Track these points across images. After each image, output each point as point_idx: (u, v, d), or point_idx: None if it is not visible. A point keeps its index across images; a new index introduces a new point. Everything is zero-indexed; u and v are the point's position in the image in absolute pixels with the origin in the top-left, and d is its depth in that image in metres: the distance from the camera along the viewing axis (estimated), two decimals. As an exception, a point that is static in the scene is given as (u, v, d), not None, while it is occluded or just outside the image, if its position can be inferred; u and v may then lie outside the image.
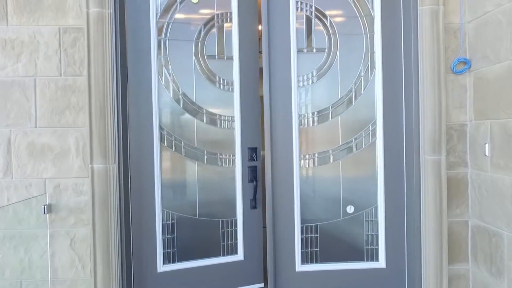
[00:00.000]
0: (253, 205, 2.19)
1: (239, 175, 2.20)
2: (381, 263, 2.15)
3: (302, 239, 2.15)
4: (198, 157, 2.15)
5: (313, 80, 2.14)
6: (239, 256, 2.20)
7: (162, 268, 2.07)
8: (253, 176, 2.18)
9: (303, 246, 2.15)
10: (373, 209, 2.16)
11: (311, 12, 2.13)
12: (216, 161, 2.18)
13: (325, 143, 2.15)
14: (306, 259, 2.15)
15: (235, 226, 2.20)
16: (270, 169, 2.10)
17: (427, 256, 2.00)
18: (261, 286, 2.23)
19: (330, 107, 2.15)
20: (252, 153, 2.19)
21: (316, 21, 2.14)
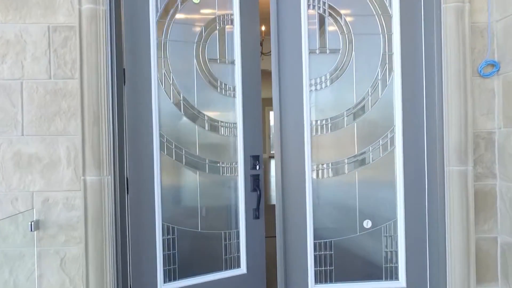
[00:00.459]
0: (256, 215, 2.14)
1: (241, 184, 2.13)
2: (401, 282, 2.02)
3: (315, 256, 2.02)
4: (199, 166, 2.08)
5: (326, 84, 2.03)
6: (242, 270, 2.14)
7: (162, 287, 1.97)
8: (256, 185, 2.14)
9: (316, 264, 2.02)
10: (392, 223, 2.04)
11: (324, 10, 2.01)
12: (218, 170, 2.12)
13: (340, 152, 2.03)
14: (319, 278, 2.02)
15: (237, 238, 2.14)
16: (280, 181, 1.98)
17: (452, 275, 1.86)
18: (264, 298, 2.16)
19: (345, 113, 2.03)
20: (255, 161, 2.14)
21: (329, 19, 2.02)
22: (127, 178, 1.89)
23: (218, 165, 2.11)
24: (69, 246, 1.81)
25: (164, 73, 1.99)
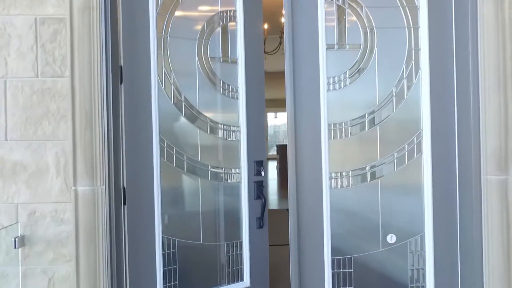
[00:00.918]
0: (260, 225, 2.09)
1: (245, 191, 2.07)
2: (429, 305, 1.87)
3: (333, 274, 1.87)
4: (201, 172, 2.01)
5: (345, 83, 1.89)
6: (245, 283, 2.08)
7: (162, 306, 1.88)
8: (259, 192, 2.09)
9: (334, 284, 1.87)
10: (418, 238, 1.89)
11: (343, 1, 1.88)
12: (221, 177, 2.05)
13: (361, 158, 1.89)
14: (338, 299, 1.87)
15: (240, 249, 2.08)
16: (295, 190, 1.86)
17: (490, 299, 1.69)
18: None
19: (366, 115, 1.89)
20: (259, 166, 2.10)
21: (349, 12, 1.89)
22: (123, 187, 1.80)
23: (221, 171, 2.04)
24: (58, 265, 1.72)
25: (165, 71, 1.91)
